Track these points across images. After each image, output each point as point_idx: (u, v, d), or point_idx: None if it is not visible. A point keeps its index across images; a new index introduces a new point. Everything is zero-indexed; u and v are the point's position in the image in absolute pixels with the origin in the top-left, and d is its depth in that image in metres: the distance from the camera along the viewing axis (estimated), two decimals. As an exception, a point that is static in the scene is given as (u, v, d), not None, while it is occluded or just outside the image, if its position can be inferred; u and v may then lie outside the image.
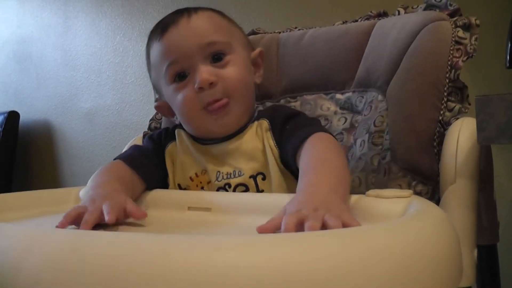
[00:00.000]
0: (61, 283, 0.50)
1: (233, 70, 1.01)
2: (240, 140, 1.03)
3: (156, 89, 1.13)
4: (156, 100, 1.23)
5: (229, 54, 1.03)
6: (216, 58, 1.01)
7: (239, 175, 0.99)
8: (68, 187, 1.12)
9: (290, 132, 0.97)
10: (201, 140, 1.06)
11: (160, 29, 1.04)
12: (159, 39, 1.03)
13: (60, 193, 1.08)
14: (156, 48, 1.05)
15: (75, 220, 0.74)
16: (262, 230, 0.66)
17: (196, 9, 1.05)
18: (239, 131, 1.04)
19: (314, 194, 0.73)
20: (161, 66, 1.04)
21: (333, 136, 0.98)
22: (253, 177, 0.99)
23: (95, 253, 0.51)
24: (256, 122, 1.04)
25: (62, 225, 0.72)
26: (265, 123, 1.03)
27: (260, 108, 1.16)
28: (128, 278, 0.48)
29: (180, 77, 1.02)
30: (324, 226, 0.62)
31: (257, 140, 1.02)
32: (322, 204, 0.67)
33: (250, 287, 0.46)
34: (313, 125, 1.01)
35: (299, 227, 0.63)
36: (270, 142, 1.00)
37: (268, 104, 1.27)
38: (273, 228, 0.65)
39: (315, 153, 0.88)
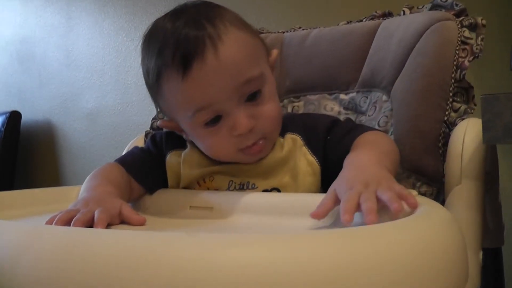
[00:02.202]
0: (59, 280, 0.49)
1: (269, 108, 0.91)
2: (261, 160, 0.96)
3: (165, 113, 1.01)
4: (157, 114, 1.20)
5: (263, 87, 0.90)
6: (252, 96, 0.89)
7: (252, 188, 0.95)
8: (69, 186, 1.11)
9: (337, 140, 0.93)
10: None
11: (179, 60, 0.85)
12: (181, 78, 0.85)
13: (62, 191, 1.08)
14: (176, 85, 0.87)
15: (67, 224, 0.72)
16: (314, 215, 0.67)
17: (215, 28, 0.86)
18: None
19: (361, 168, 0.75)
20: (185, 108, 0.89)
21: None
22: (267, 191, 0.94)
23: (93, 250, 0.51)
24: (280, 138, 0.97)
25: None
26: (298, 139, 0.96)
27: None
28: (126, 276, 0.47)
29: (212, 121, 0.89)
30: (379, 202, 0.64)
31: (282, 156, 0.95)
32: (371, 177, 0.69)
33: (249, 286, 0.45)
34: (360, 125, 1.00)
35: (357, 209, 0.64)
36: (308, 157, 0.95)
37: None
38: (326, 212, 0.67)
39: (364, 139, 0.89)
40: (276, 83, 0.98)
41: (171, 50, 0.86)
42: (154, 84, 0.92)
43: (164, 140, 1.05)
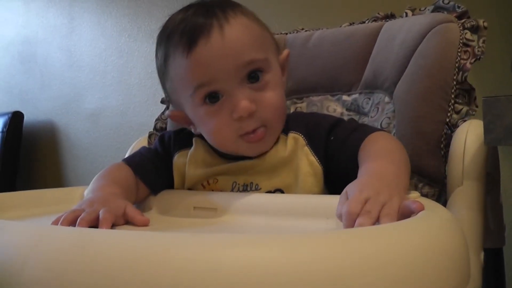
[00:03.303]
0: (65, 280, 0.50)
1: (271, 96, 0.91)
2: (264, 156, 0.95)
3: (172, 99, 1.02)
4: (165, 104, 1.20)
5: (267, 72, 0.91)
6: (253, 76, 0.90)
7: (256, 189, 0.95)
8: (72, 187, 1.12)
9: (340, 141, 0.92)
10: (221, 153, 0.99)
11: (186, 39, 0.88)
12: (186, 54, 0.88)
13: (64, 192, 1.08)
14: (181, 62, 0.89)
15: (72, 224, 0.72)
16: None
17: (224, 13, 0.89)
18: None
19: (378, 178, 0.72)
20: (187, 85, 0.90)
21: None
22: (270, 192, 0.94)
23: (99, 250, 0.51)
24: (283, 136, 0.96)
25: None
26: (300, 138, 0.95)
27: None
28: (131, 275, 0.48)
29: (211, 97, 0.90)
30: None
31: (285, 155, 0.94)
32: (386, 189, 0.66)
33: (252, 286, 0.45)
34: (365, 126, 0.99)
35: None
36: (310, 158, 0.93)
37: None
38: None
39: (377, 146, 0.86)
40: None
41: (179, 33, 0.89)
42: (162, 66, 0.95)
43: (172, 140, 1.05)
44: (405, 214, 0.63)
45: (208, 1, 0.94)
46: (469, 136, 0.92)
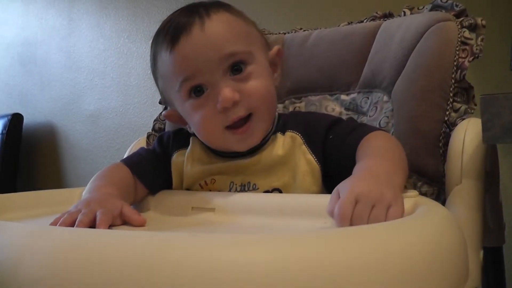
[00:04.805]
0: (61, 280, 0.50)
1: (256, 85, 0.91)
2: (260, 154, 0.95)
3: (165, 98, 1.03)
4: (163, 105, 1.20)
5: (250, 64, 0.91)
6: (236, 68, 0.90)
7: (253, 189, 0.95)
8: (72, 188, 1.12)
9: (340, 140, 0.92)
10: (217, 151, 0.99)
11: (170, 37, 0.91)
12: (169, 51, 0.90)
13: (63, 193, 1.08)
14: (166, 59, 0.92)
15: (71, 226, 0.73)
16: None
17: (207, 11, 0.91)
18: (260, 144, 0.96)
19: (370, 175, 0.72)
20: (174, 80, 0.92)
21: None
22: (268, 192, 0.94)
23: (95, 250, 0.51)
24: (280, 135, 0.97)
25: None
26: (297, 137, 0.95)
27: (280, 111, 1.10)
28: (128, 275, 0.47)
29: (196, 91, 0.91)
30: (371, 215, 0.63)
31: (282, 154, 0.94)
32: (377, 189, 0.66)
33: (249, 285, 0.45)
34: (364, 125, 0.99)
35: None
36: (307, 156, 0.94)
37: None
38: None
39: (374, 144, 0.86)
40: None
41: (164, 33, 0.93)
42: (153, 66, 0.98)
43: (171, 140, 1.05)
44: None
45: (196, 3, 0.95)
46: (467, 135, 0.92)
